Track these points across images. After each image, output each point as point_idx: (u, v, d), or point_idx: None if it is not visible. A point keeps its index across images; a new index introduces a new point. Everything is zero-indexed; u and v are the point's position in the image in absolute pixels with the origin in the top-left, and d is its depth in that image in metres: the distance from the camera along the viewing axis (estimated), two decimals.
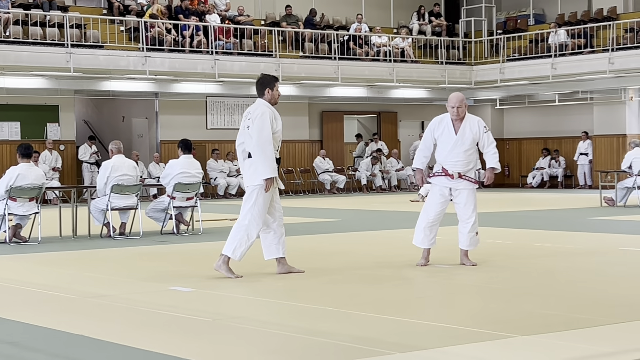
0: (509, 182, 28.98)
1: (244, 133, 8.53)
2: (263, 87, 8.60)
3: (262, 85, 8.62)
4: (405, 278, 8.38)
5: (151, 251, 11.32)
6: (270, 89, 8.57)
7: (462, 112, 8.96)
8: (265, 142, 8.33)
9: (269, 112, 8.44)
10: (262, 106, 8.51)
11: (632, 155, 18.32)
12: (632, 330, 5.76)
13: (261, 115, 8.38)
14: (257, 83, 8.68)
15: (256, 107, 8.51)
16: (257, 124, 8.34)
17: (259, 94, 8.63)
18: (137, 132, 25.40)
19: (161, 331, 6.03)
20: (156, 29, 22.76)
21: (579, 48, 25.55)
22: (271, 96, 8.58)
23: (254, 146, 8.34)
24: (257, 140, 8.32)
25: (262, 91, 8.60)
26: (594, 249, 10.72)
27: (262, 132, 8.32)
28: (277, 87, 8.63)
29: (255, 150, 8.33)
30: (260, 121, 8.35)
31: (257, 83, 8.69)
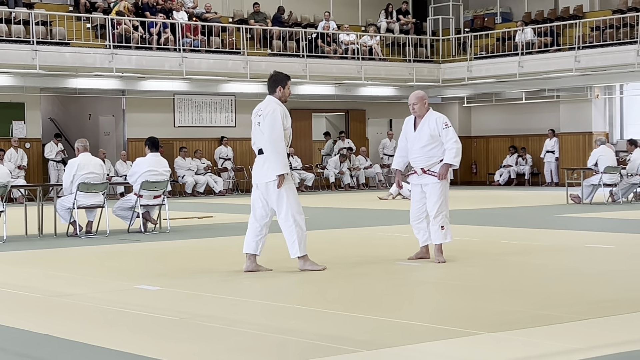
0: (477, 180, 29.12)
1: (253, 131, 8.61)
2: (275, 85, 8.65)
3: (275, 82, 8.66)
4: (373, 276, 8.39)
5: (118, 250, 11.26)
6: (282, 86, 8.63)
7: (419, 110, 9.09)
8: (277, 138, 8.40)
9: (279, 109, 8.49)
10: (272, 103, 8.56)
11: (598, 153, 18.46)
12: (597, 327, 5.80)
13: (272, 112, 8.44)
14: (270, 80, 8.72)
15: (267, 105, 8.56)
16: (269, 121, 8.41)
17: (270, 91, 8.67)
18: (104, 130, 25.24)
19: (127, 330, 5.99)
20: (123, 26, 22.62)
21: (545, 46, 25.72)
22: (282, 94, 8.63)
23: (266, 143, 8.42)
24: (268, 136, 8.39)
25: (274, 88, 8.64)
26: (560, 246, 10.80)
27: (273, 129, 8.39)
28: (289, 85, 8.69)
29: (268, 146, 8.41)
30: (272, 118, 8.41)
31: (269, 80, 8.73)
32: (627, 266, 8.88)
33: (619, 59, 23.68)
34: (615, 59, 23.76)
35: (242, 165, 25.93)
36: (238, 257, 10.33)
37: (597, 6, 27.01)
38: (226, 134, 25.65)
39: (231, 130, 25.92)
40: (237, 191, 25.54)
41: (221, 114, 25.83)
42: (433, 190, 9.03)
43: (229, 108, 25.93)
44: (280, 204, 8.46)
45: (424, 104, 9.15)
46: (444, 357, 5.10)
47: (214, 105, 25.68)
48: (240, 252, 10.84)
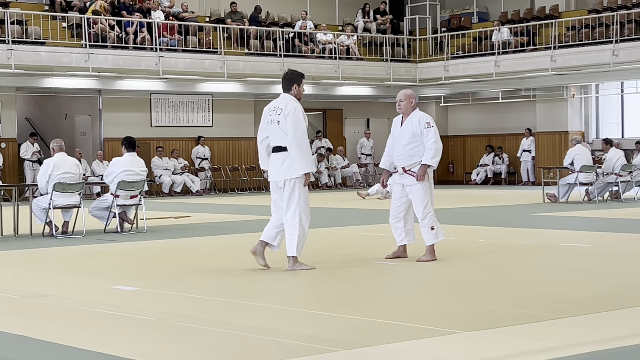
0: (453, 179, 29.20)
1: (268, 128, 8.62)
2: (290, 83, 8.71)
3: (290, 81, 8.72)
4: (351, 275, 8.39)
5: (94, 250, 11.20)
6: (298, 84, 8.72)
7: (404, 107, 9.15)
8: (301, 136, 8.46)
9: (300, 107, 8.56)
10: (291, 101, 8.61)
11: (574, 152, 18.55)
12: (574, 325, 5.82)
13: (294, 111, 8.48)
14: (284, 79, 8.76)
15: (286, 103, 8.59)
16: (292, 119, 8.44)
17: (285, 89, 8.72)
18: (80, 129, 25.12)
19: (104, 331, 5.96)
20: (99, 26, 22.52)
21: (521, 46, 25.82)
22: (297, 92, 8.71)
23: (291, 141, 8.42)
24: (293, 135, 8.41)
25: (290, 86, 8.70)
26: (537, 245, 10.84)
27: (297, 127, 8.43)
28: (303, 83, 8.76)
29: (293, 145, 8.42)
30: (295, 116, 8.45)
31: (284, 79, 8.77)
32: (603, 264, 8.93)
33: (594, 58, 23.82)
34: (590, 59, 23.90)
35: (219, 165, 25.88)
36: (215, 257, 10.31)
37: (572, 6, 27.16)
38: (203, 134, 25.58)
39: (208, 129, 25.86)
40: (214, 191, 25.49)
41: (198, 114, 25.76)
42: (417, 191, 9.04)
43: (206, 108, 25.87)
44: (290, 202, 8.48)
45: (411, 102, 9.19)
46: (422, 356, 5.10)
47: (191, 104, 25.61)
48: (217, 251, 10.84)
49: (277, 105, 8.63)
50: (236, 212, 17.56)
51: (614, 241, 11.02)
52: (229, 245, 11.60)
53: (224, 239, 12.35)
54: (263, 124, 8.73)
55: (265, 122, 8.67)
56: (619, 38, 23.43)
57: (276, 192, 8.65)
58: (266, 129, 8.66)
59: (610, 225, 13.47)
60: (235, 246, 11.43)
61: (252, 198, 22.77)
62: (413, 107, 9.23)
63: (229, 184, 25.94)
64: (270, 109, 8.69)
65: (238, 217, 16.14)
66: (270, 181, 8.72)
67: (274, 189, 8.65)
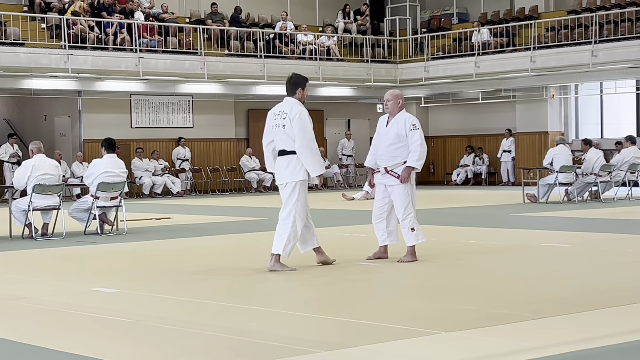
0: (434, 180, 29.27)
1: (274, 132, 8.68)
2: (295, 87, 8.75)
3: (295, 84, 8.76)
4: (331, 276, 8.40)
5: (74, 252, 11.16)
6: (302, 88, 8.76)
7: (391, 107, 9.18)
8: (310, 139, 8.52)
9: (305, 110, 8.62)
10: (297, 105, 8.66)
11: (553, 152, 18.65)
12: (553, 325, 5.85)
13: (300, 114, 8.54)
14: (289, 82, 8.79)
15: (291, 106, 8.63)
16: (299, 123, 8.50)
17: (290, 93, 8.76)
18: (59, 131, 25.01)
19: (83, 333, 5.94)
20: (79, 27, 22.43)
21: (501, 47, 25.91)
22: (301, 95, 8.75)
23: (300, 145, 8.48)
24: (302, 139, 8.48)
25: (294, 90, 8.74)
26: (516, 245, 10.88)
27: (305, 131, 8.50)
28: (307, 86, 8.80)
29: (302, 149, 8.48)
30: (301, 120, 8.52)
31: (288, 82, 8.80)
32: (582, 265, 8.97)
33: (573, 59, 23.94)
34: (570, 59, 24.01)
35: (200, 166, 25.83)
36: (196, 258, 10.29)
37: (552, 7, 27.28)
38: (184, 135, 25.54)
39: (189, 130, 25.82)
40: (195, 192, 25.45)
41: (179, 115, 25.71)
42: (398, 192, 9.05)
43: (186, 109, 25.82)
44: (288, 202, 8.58)
45: (398, 103, 9.21)
46: (401, 357, 5.11)
47: (171, 105, 25.56)
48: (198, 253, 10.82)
49: (281, 109, 8.69)
50: (217, 213, 17.54)
51: (593, 241, 11.08)
52: (210, 246, 11.58)
53: (205, 240, 12.33)
54: (268, 128, 8.80)
55: (270, 126, 8.75)
56: (598, 39, 23.56)
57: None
58: (271, 132, 8.74)
59: (589, 225, 13.54)
60: (216, 248, 11.42)
61: (232, 199, 22.75)
62: (400, 107, 9.25)
63: (210, 185, 25.90)
64: (274, 113, 8.75)
65: (219, 218, 16.12)
66: (277, 184, 8.81)
67: (282, 190, 8.75)
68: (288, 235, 8.51)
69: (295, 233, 8.54)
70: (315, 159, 8.51)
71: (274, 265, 8.59)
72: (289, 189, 8.58)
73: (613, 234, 11.90)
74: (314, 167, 8.51)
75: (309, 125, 8.55)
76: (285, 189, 8.62)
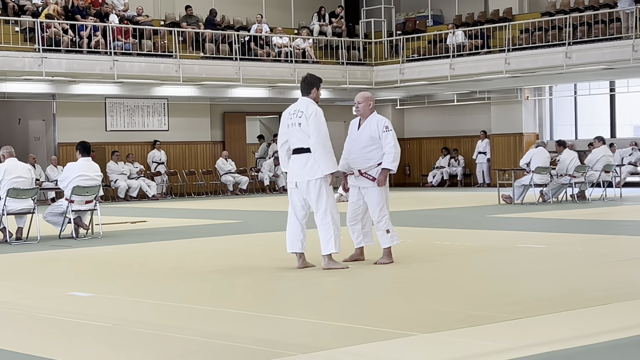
0: (410, 182, 29.34)
1: (288, 132, 8.79)
2: (310, 87, 8.86)
3: (310, 84, 8.87)
4: (309, 278, 8.39)
5: (49, 256, 11.09)
6: (317, 88, 8.89)
7: (362, 109, 9.21)
8: (325, 138, 8.62)
9: (320, 109, 8.74)
10: (312, 104, 8.78)
11: (533, 152, 18.76)
12: (529, 326, 5.87)
13: (316, 113, 8.66)
14: (304, 82, 8.91)
15: (307, 106, 8.75)
16: (314, 121, 8.61)
17: (305, 93, 8.88)
18: (34, 134, 24.86)
19: (59, 338, 5.90)
20: (52, 30, 22.30)
21: (476, 49, 26.01)
22: (316, 95, 8.87)
23: (315, 143, 8.59)
24: (317, 136, 8.59)
25: (309, 90, 8.86)
26: (492, 246, 10.92)
27: (320, 129, 8.61)
28: (321, 87, 8.93)
29: (317, 147, 8.59)
30: (317, 119, 8.63)
31: (303, 82, 8.92)
32: (557, 266, 9.01)
33: (548, 60, 24.06)
34: (544, 61, 24.13)
35: (175, 169, 25.76)
36: (172, 262, 10.26)
37: (526, 9, 27.42)
38: (159, 138, 25.46)
39: (164, 133, 25.74)
40: (170, 195, 25.37)
41: (154, 118, 25.63)
42: (373, 194, 9.07)
43: (161, 112, 25.74)
44: (320, 202, 8.67)
45: (369, 105, 9.23)
46: (379, 359, 5.11)
47: (146, 108, 25.47)
48: (174, 256, 10.79)
49: (297, 108, 8.80)
50: (193, 216, 17.49)
51: (568, 242, 11.13)
52: (186, 250, 11.55)
53: (181, 243, 12.29)
54: (283, 129, 8.90)
55: (285, 126, 8.85)
56: (572, 40, 23.70)
57: (295, 194, 8.83)
58: (286, 133, 8.85)
59: (564, 226, 13.61)
60: (191, 251, 11.38)
61: (208, 202, 22.69)
62: (371, 109, 9.26)
63: (186, 188, 25.83)
64: (290, 112, 8.86)
65: (195, 221, 16.08)
66: (290, 182, 8.86)
67: (294, 190, 8.83)
68: (334, 233, 8.66)
69: (337, 228, 8.69)
70: (328, 156, 8.62)
71: (327, 264, 8.74)
72: (314, 189, 8.67)
73: (588, 235, 11.97)
74: (327, 165, 8.61)
75: (324, 124, 8.68)
76: (309, 189, 8.69)
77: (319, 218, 8.71)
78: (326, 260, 8.77)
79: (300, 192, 8.78)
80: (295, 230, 8.85)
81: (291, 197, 8.89)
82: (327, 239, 8.69)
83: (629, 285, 7.56)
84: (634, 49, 22.25)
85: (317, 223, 8.75)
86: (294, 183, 8.80)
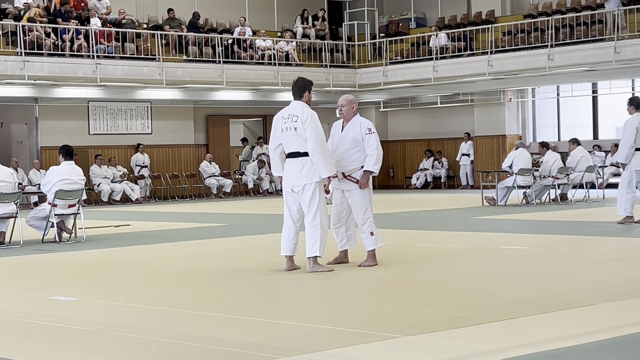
0: (394, 184, 29.37)
1: (282, 136, 8.79)
2: (302, 90, 8.89)
3: (302, 88, 8.90)
4: (293, 281, 8.39)
5: (32, 260, 11.04)
6: (309, 91, 8.91)
7: (346, 112, 9.23)
8: (322, 141, 8.66)
9: (315, 113, 8.76)
10: (307, 108, 8.80)
11: (514, 155, 18.82)
12: (513, 328, 5.89)
13: (312, 117, 8.69)
14: (295, 86, 8.93)
15: (302, 110, 8.76)
16: (311, 125, 8.65)
17: (297, 97, 8.90)
18: (16, 138, 24.76)
19: (42, 342, 5.87)
20: (35, 33, 22.22)
21: (459, 51, 26.06)
22: (308, 99, 8.89)
23: (313, 147, 8.62)
24: (314, 140, 8.61)
25: (301, 94, 8.89)
26: (476, 248, 10.94)
27: (317, 133, 8.65)
28: (312, 89, 8.96)
29: (315, 151, 8.62)
30: (313, 122, 8.67)
31: (294, 86, 8.94)
32: (541, 267, 9.04)
33: (530, 62, 24.14)
34: (527, 63, 24.21)
35: (159, 172, 25.70)
36: (155, 265, 10.24)
37: (508, 11, 27.50)
38: (142, 141, 25.40)
39: (147, 137, 25.68)
40: (154, 199, 25.31)
41: (137, 121, 25.57)
42: (357, 197, 9.08)
43: (144, 115, 25.68)
44: (311, 205, 8.70)
45: (352, 107, 9.25)
46: None
47: (129, 112, 25.41)
48: (157, 260, 10.77)
49: (291, 112, 8.80)
50: (176, 219, 17.46)
51: (551, 243, 11.17)
52: (169, 253, 11.52)
53: (164, 247, 12.26)
54: (276, 132, 8.89)
55: (279, 130, 8.84)
56: (554, 42, 23.79)
57: (291, 198, 8.84)
58: (279, 136, 8.83)
59: (547, 227, 13.65)
60: (175, 254, 11.36)
61: (192, 205, 22.65)
62: (354, 112, 9.28)
63: (169, 191, 25.77)
64: (283, 116, 8.85)
65: (178, 225, 16.04)
66: (285, 187, 8.86)
67: (290, 194, 8.83)
68: (320, 237, 8.69)
69: (324, 232, 8.73)
70: (327, 160, 8.65)
71: (313, 267, 8.75)
72: (308, 192, 8.69)
73: (570, 236, 12.01)
74: (326, 168, 8.64)
75: (321, 127, 8.71)
76: (304, 192, 8.71)
77: (308, 220, 8.75)
78: (311, 263, 8.79)
79: (296, 196, 8.79)
80: (290, 233, 8.87)
81: (287, 200, 8.90)
82: (313, 242, 8.72)
83: (612, 286, 7.59)
84: (615, 51, 22.37)
85: (305, 224, 8.78)
86: (289, 187, 8.80)
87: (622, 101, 26.25)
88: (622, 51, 22.39)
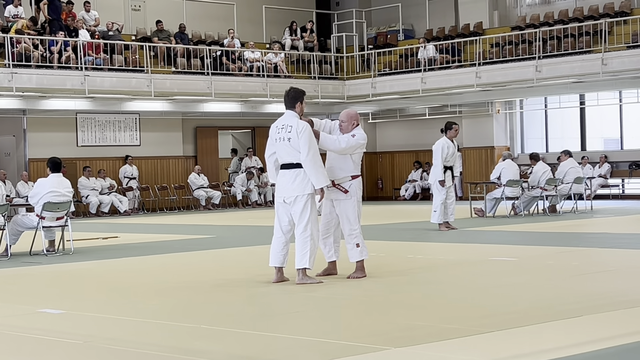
0: (382, 195, 29.38)
1: (276, 145, 8.81)
2: (295, 100, 8.91)
3: (294, 98, 8.92)
4: (282, 293, 8.38)
5: (20, 273, 11.00)
6: (301, 102, 8.92)
7: (345, 129, 9.30)
8: (315, 153, 8.69)
9: (307, 124, 8.75)
10: (300, 119, 8.78)
11: (501, 166, 18.85)
12: (501, 340, 5.89)
13: (306, 128, 8.69)
14: (288, 96, 8.95)
15: (296, 121, 8.77)
16: (305, 137, 8.66)
17: (289, 107, 8.91)
18: (4, 150, 24.67)
19: (29, 356, 5.85)
20: (23, 45, 22.18)
21: (447, 63, 26.13)
22: (300, 109, 8.89)
23: (306, 159, 8.63)
24: (307, 151, 8.63)
25: (294, 104, 8.90)
26: (464, 259, 10.95)
27: (311, 145, 8.66)
28: (304, 100, 8.97)
29: (308, 162, 8.63)
30: (307, 134, 8.67)
31: (287, 96, 8.96)
32: (529, 278, 9.05)
33: (518, 74, 24.22)
34: (514, 75, 24.29)
35: (147, 184, 25.65)
36: (143, 277, 10.21)
37: (496, 23, 27.59)
38: (131, 153, 25.35)
39: (136, 148, 25.63)
40: (143, 210, 25.25)
41: (125, 133, 25.53)
42: (345, 207, 9.08)
43: (133, 127, 25.65)
44: (302, 217, 8.70)
45: (352, 124, 9.28)
46: None
47: (117, 124, 25.36)
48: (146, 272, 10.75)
49: (285, 122, 8.82)
50: (165, 231, 17.42)
51: (539, 255, 11.19)
52: (157, 265, 11.49)
53: (153, 259, 12.23)
54: (271, 141, 8.92)
55: (273, 139, 8.86)
56: (542, 54, 23.87)
57: (283, 209, 8.84)
58: (274, 145, 8.86)
59: (535, 239, 13.67)
60: (164, 266, 11.33)
61: (181, 217, 22.61)
62: (354, 127, 9.30)
63: (158, 203, 25.72)
64: (278, 126, 8.87)
65: (167, 236, 16.01)
66: (277, 198, 8.88)
67: (281, 205, 8.84)
68: (310, 249, 8.70)
69: (314, 244, 8.74)
70: (320, 170, 8.66)
71: (302, 279, 8.75)
72: (300, 204, 8.70)
73: (559, 247, 12.03)
74: (319, 179, 8.64)
75: (314, 138, 8.73)
76: (296, 204, 8.72)
77: (299, 231, 8.75)
78: (300, 275, 8.78)
79: (288, 207, 8.80)
80: (279, 245, 8.88)
81: (278, 211, 8.91)
82: (303, 254, 8.72)
83: (600, 297, 7.60)
84: (603, 63, 22.47)
85: (296, 236, 8.79)
86: (282, 198, 8.81)
87: (610, 113, 26.48)
88: (609, 63, 22.49)
